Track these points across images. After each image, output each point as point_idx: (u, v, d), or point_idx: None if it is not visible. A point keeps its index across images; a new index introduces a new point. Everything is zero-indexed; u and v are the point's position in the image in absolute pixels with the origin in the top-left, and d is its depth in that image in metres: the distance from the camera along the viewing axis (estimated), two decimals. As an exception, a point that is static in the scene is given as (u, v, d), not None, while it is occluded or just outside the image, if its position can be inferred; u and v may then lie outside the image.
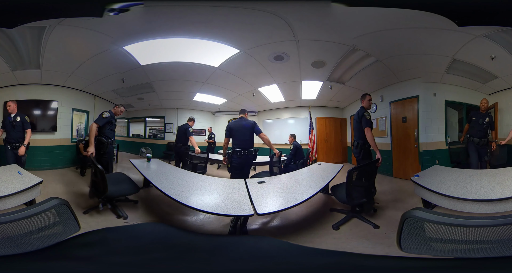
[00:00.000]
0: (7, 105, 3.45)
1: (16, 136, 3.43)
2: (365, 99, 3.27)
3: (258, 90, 4.69)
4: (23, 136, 3.46)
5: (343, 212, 2.86)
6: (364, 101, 3.26)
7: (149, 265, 1.46)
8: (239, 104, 5.19)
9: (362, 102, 3.28)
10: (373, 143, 3.09)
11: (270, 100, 5.08)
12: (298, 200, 2.30)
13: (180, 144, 4.19)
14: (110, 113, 3.73)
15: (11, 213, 1.40)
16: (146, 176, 2.93)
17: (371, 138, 3.07)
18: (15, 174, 2.62)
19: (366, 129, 3.09)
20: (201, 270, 1.44)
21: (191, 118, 4.35)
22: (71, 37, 3.13)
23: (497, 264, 1.31)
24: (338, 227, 2.59)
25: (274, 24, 2.91)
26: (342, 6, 2.57)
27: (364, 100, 3.27)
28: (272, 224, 2.76)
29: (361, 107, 3.27)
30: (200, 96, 4.91)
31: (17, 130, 3.45)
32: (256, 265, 1.47)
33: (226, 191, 2.56)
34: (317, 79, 4.29)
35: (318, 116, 5.21)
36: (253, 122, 3.53)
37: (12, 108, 3.45)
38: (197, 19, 2.93)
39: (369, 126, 3.13)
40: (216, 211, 2.06)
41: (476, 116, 3.43)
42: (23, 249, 1.41)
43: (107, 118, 3.66)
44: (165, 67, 3.96)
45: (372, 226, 2.57)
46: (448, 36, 2.94)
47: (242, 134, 3.45)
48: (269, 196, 2.43)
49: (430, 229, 1.30)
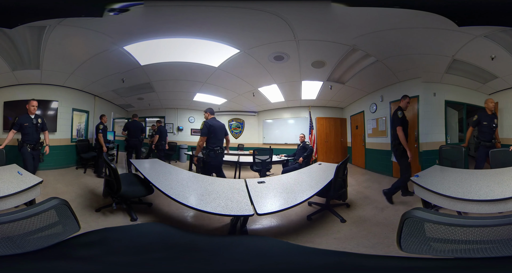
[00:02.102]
0: (31, 105, 3.39)
1: (37, 138, 3.40)
2: (404, 100, 3.38)
3: (258, 90, 4.69)
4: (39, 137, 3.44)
5: (319, 204, 3.10)
6: (403, 102, 3.37)
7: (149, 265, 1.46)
8: (239, 104, 5.20)
9: (400, 102, 3.38)
10: (404, 142, 3.18)
11: (270, 100, 5.08)
12: (298, 200, 2.29)
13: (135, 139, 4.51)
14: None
15: (11, 213, 1.40)
16: (146, 176, 2.93)
17: (402, 137, 3.18)
18: (15, 174, 2.62)
19: (397, 128, 3.21)
20: (201, 270, 1.44)
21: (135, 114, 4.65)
22: (71, 37, 3.13)
23: (497, 264, 1.31)
24: (311, 217, 2.85)
25: (274, 24, 2.91)
26: (342, 6, 2.57)
27: (403, 100, 3.37)
28: (272, 224, 2.76)
29: (398, 106, 3.36)
30: (200, 96, 4.91)
31: (39, 131, 3.41)
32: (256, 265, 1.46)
33: (226, 191, 2.56)
34: (317, 79, 4.29)
35: (318, 116, 5.22)
36: (223, 123, 3.69)
37: (36, 109, 3.42)
38: (197, 19, 2.93)
39: (400, 125, 3.23)
40: (216, 211, 2.06)
41: (485, 119, 3.29)
42: (23, 249, 1.41)
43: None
44: (165, 67, 3.96)
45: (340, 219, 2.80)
46: (448, 36, 2.94)
47: (220, 133, 3.53)
48: (269, 196, 2.43)
49: (430, 229, 1.30)
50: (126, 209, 2.90)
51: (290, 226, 2.74)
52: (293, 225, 2.75)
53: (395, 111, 3.32)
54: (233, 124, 5.51)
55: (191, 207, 2.14)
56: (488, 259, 1.32)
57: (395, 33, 3.03)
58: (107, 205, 2.94)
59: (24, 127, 3.33)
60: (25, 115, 3.37)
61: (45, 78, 3.80)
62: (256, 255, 1.58)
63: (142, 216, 2.86)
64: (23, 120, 3.35)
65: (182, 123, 5.29)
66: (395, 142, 3.30)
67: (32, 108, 3.39)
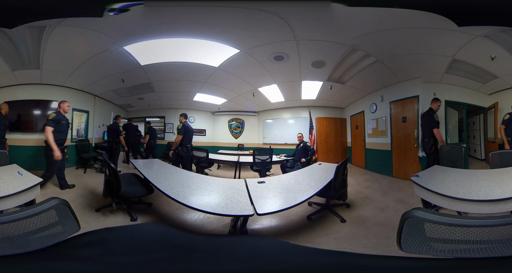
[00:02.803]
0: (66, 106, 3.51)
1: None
2: (435, 103, 3.58)
3: (258, 90, 4.69)
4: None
5: (319, 204, 3.11)
6: (435, 104, 3.58)
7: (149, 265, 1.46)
8: (239, 104, 5.20)
9: (431, 104, 3.59)
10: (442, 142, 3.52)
11: (270, 100, 5.08)
12: (298, 200, 2.29)
13: (111, 139, 4.58)
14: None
15: (11, 213, 1.40)
16: (146, 176, 2.93)
17: (441, 138, 3.53)
18: (15, 174, 2.62)
19: (435, 130, 3.53)
20: (201, 270, 1.44)
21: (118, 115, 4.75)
22: (71, 37, 3.13)
23: (497, 264, 1.31)
24: (311, 217, 2.88)
25: (274, 24, 2.91)
26: (342, 6, 2.57)
27: (434, 103, 3.58)
28: (272, 224, 2.76)
29: (429, 108, 3.60)
30: (200, 96, 4.91)
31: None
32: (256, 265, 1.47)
33: (226, 191, 2.56)
34: (317, 79, 4.29)
35: (318, 116, 5.22)
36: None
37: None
38: (197, 19, 2.93)
39: (437, 127, 3.52)
40: (216, 211, 2.06)
41: None
42: (23, 249, 1.41)
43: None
44: (165, 67, 3.96)
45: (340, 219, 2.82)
46: (448, 36, 2.94)
47: (191, 134, 4.37)
48: (269, 196, 2.42)
49: (430, 229, 1.30)
50: (126, 209, 2.90)
51: (290, 226, 2.74)
52: (293, 225, 2.75)
53: (431, 113, 3.56)
54: (233, 124, 5.50)
55: (191, 207, 2.14)
56: (488, 259, 1.32)
57: (395, 33, 3.03)
58: (107, 205, 2.94)
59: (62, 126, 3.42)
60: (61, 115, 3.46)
61: (45, 78, 3.80)
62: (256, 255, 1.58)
63: (142, 216, 2.86)
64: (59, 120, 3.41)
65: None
66: (430, 140, 3.57)
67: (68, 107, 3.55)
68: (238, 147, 5.50)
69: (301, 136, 4.75)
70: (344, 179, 3.01)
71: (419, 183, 2.50)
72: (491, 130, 3.74)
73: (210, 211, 2.08)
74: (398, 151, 4.08)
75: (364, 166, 4.81)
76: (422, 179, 2.59)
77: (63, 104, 3.51)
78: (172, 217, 2.91)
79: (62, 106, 3.50)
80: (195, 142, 4.76)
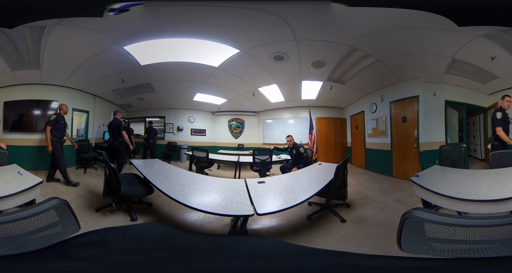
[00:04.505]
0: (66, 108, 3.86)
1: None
2: (503, 100, 3.39)
3: (258, 90, 4.69)
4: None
5: (319, 204, 3.11)
6: (503, 102, 3.39)
7: (149, 265, 1.46)
8: (239, 104, 5.20)
9: (501, 102, 3.41)
10: (507, 139, 3.28)
11: (270, 100, 5.08)
12: (298, 200, 2.29)
13: (112, 140, 4.30)
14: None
15: (11, 213, 1.40)
16: (146, 176, 2.93)
17: (504, 137, 3.30)
18: (15, 174, 2.62)
19: (497, 128, 3.31)
20: (201, 270, 1.44)
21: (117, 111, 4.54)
22: (71, 37, 3.13)
23: (497, 264, 1.31)
24: (311, 217, 2.88)
25: (274, 24, 2.91)
26: (342, 6, 2.57)
27: (502, 101, 3.39)
28: (272, 224, 2.76)
29: (500, 107, 3.40)
30: (200, 96, 4.91)
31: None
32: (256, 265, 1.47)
33: (226, 191, 2.56)
34: (317, 79, 4.29)
35: (318, 116, 5.21)
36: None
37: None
38: (197, 19, 2.93)
39: (500, 126, 3.31)
40: (216, 211, 2.06)
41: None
42: (23, 249, 1.41)
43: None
44: (165, 67, 3.96)
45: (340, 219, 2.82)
46: (448, 36, 2.94)
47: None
48: (269, 196, 2.42)
49: (430, 229, 1.30)
50: (126, 209, 2.90)
51: (290, 226, 2.74)
52: (293, 225, 2.75)
53: (495, 111, 3.39)
54: (233, 124, 5.51)
55: (191, 207, 2.14)
56: (488, 259, 1.32)
57: (395, 33, 3.03)
58: (107, 205, 2.94)
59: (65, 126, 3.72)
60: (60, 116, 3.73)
61: (45, 78, 3.80)
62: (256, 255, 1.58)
63: (142, 216, 2.86)
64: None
65: (182, 123, 5.29)
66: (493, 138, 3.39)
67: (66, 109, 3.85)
68: (238, 147, 5.50)
69: (291, 140, 4.28)
70: (344, 179, 3.00)
71: (419, 183, 2.50)
72: (491, 130, 3.74)
73: (210, 211, 2.08)
74: (398, 151, 4.09)
75: (364, 166, 4.81)
76: (422, 179, 2.59)
77: (64, 106, 3.82)
78: (172, 217, 2.91)
79: (63, 108, 3.80)
80: (195, 142, 4.79)
